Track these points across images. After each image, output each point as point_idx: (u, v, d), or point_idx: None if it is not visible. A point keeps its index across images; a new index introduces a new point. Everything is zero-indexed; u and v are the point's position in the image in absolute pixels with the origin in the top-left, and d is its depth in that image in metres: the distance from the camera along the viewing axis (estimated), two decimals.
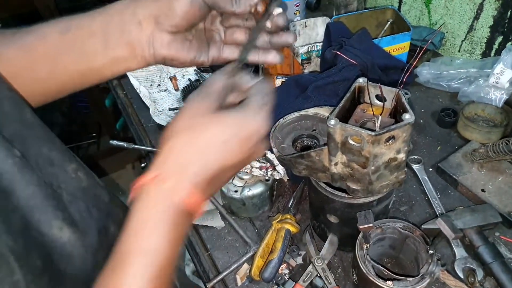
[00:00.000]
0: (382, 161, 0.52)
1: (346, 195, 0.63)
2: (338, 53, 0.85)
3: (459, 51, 1.14)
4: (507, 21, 0.97)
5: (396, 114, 0.55)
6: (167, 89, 1.18)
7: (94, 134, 2.58)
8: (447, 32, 1.14)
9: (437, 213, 0.78)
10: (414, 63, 0.60)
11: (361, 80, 0.56)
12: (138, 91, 1.17)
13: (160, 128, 1.09)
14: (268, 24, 0.44)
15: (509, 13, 0.95)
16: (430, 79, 1.05)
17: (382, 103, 0.56)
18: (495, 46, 1.03)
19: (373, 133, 0.47)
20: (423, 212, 0.81)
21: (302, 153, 0.58)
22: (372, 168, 0.52)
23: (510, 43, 0.99)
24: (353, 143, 0.50)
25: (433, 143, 0.94)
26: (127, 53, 0.43)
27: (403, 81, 0.56)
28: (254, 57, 0.46)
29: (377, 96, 0.57)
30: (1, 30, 0.44)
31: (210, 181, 0.36)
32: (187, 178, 0.35)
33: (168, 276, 0.35)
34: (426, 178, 0.85)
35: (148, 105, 1.13)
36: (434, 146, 0.94)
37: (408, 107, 0.50)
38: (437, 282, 0.69)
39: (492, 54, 1.05)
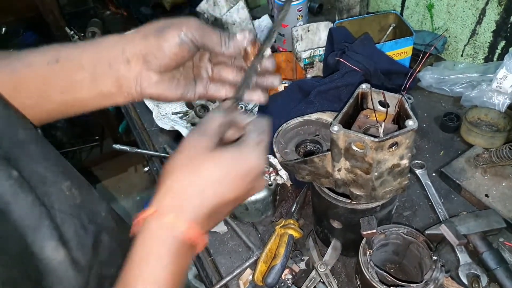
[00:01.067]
0: (385, 167, 0.52)
1: (350, 201, 0.62)
2: (341, 60, 0.85)
3: (461, 55, 1.13)
4: (509, 26, 0.97)
5: (399, 120, 0.55)
6: None
7: (97, 137, 2.59)
8: (449, 36, 1.14)
9: (441, 219, 0.78)
10: (418, 70, 0.61)
11: (364, 86, 0.57)
12: None
13: (163, 132, 1.09)
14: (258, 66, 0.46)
15: (511, 18, 0.95)
16: (433, 83, 1.05)
17: (385, 109, 0.56)
18: (498, 51, 1.03)
19: (376, 140, 0.47)
20: (427, 217, 0.81)
21: (305, 158, 0.58)
22: (375, 174, 0.52)
23: None
24: (356, 149, 0.50)
25: (436, 147, 0.94)
26: (114, 89, 0.44)
27: (406, 87, 0.56)
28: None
29: (380, 102, 0.57)
30: None
31: (208, 215, 0.38)
32: (185, 213, 0.37)
33: None
34: (429, 183, 0.85)
35: (151, 109, 1.14)
36: (437, 150, 0.93)
37: (411, 113, 0.50)
38: None
39: (495, 59, 1.05)
